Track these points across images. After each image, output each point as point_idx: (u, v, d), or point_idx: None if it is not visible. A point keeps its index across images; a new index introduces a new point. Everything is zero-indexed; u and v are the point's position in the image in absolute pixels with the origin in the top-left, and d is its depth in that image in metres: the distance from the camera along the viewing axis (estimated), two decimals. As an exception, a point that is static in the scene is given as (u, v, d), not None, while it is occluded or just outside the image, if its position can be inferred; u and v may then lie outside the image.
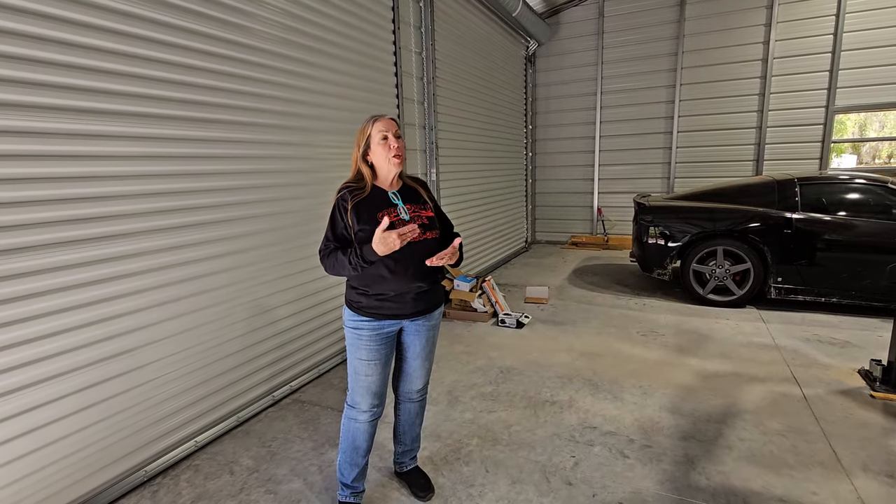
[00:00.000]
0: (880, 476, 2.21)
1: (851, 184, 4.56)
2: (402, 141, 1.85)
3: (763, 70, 7.08)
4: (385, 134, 1.81)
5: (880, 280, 4.19)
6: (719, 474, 2.26)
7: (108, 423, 2.19)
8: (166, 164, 2.39)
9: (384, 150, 1.81)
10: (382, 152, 1.82)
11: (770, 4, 6.92)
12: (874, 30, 6.47)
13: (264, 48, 2.94)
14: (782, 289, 4.53)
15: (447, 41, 5.39)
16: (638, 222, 5.22)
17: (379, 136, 1.81)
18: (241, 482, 2.32)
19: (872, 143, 7.26)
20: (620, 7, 7.82)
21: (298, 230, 3.26)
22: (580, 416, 2.82)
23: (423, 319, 1.94)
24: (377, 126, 1.82)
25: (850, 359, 3.48)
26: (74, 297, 2.05)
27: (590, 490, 2.18)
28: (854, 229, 4.28)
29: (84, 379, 2.09)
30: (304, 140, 3.28)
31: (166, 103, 2.37)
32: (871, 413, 2.75)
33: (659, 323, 4.39)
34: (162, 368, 2.42)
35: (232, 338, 2.80)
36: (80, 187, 2.05)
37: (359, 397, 1.93)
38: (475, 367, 3.54)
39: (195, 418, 2.61)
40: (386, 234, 1.64)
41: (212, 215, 2.65)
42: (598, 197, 8.48)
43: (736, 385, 3.14)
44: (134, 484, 2.29)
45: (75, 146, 2.03)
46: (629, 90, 7.97)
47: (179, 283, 2.48)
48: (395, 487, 2.24)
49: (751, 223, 4.57)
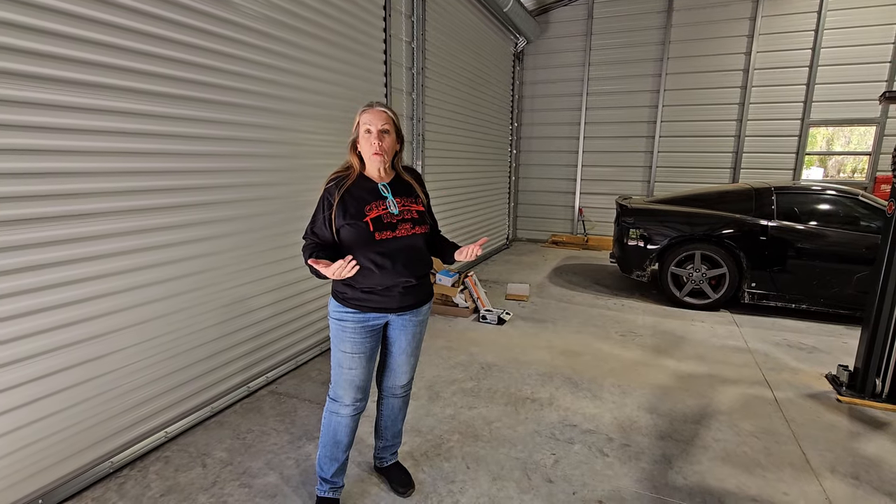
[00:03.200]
0: (847, 478, 2.29)
1: (824, 195, 4.72)
2: (387, 136, 1.75)
3: (744, 80, 7.26)
4: (368, 128, 1.74)
5: (847, 289, 4.35)
6: (696, 474, 2.30)
7: (71, 412, 2.07)
8: (138, 141, 2.26)
9: (367, 143, 1.75)
10: (366, 145, 1.76)
11: (753, 16, 7.09)
12: (850, 47, 6.70)
13: (246, 24, 2.81)
14: (756, 294, 4.66)
15: (438, 32, 5.32)
16: (619, 224, 5.29)
17: (363, 128, 1.75)
18: (213, 475, 2.24)
19: (838, 157, 7.54)
20: (609, 10, 7.88)
21: (279, 217, 3.16)
22: (560, 413, 2.83)
23: (411, 314, 1.90)
24: (364, 117, 1.76)
25: (817, 363, 3.60)
26: (35, 278, 1.92)
27: (570, 488, 2.19)
28: (825, 239, 4.42)
29: (45, 365, 1.97)
30: (286, 124, 3.17)
31: (135, 75, 2.21)
32: (838, 416, 2.85)
33: (637, 323, 4.46)
34: (131, 356, 2.30)
35: (207, 326, 2.70)
36: (43, 161, 1.91)
37: (341, 391, 1.88)
38: (456, 363, 3.52)
39: (166, 408, 2.50)
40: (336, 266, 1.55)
41: (188, 198, 2.53)
42: (579, 197, 8.57)
43: (710, 386, 3.21)
44: (99, 475, 2.18)
45: (40, 117, 1.89)
46: (614, 92, 8.06)
47: (152, 267, 2.36)
48: (374, 483, 2.20)
49: (728, 229, 4.68)
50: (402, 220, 1.79)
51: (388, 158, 1.79)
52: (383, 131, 1.75)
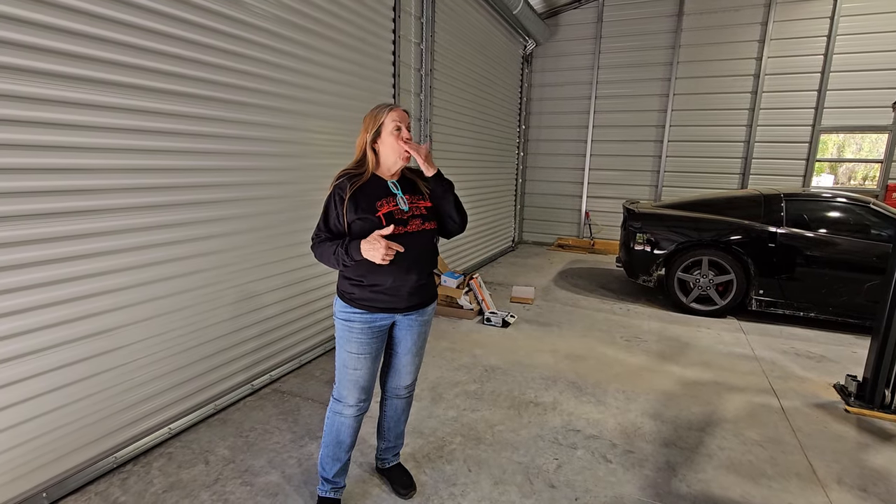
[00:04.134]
0: (854, 489, 2.26)
1: (835, 202, 4.66)
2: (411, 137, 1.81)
3: (755, 85, 7.20)
4: (399, 125, 1.77)
5: (856, 297, 4.30)
6: (700, 482, 2.27)
7: (75, 407, 2.09)
8: (148, 138, 2.27)
9: (395, 142, 1.76)
10: (393, 144, 1.77)
11: (765, 21, 7.03)
12: (862, 53, 6.62)
13: (258, 25, 2.83)
14: (763, 301, 4.61)
15: (447, 34, 5.33)
16: (626, 228, 5.26)
17: (393, 125, 1.76)
18: (216, 472, 2.24)
19: (849, 165, 7.46)
20: (619, 13, 7.85)
21: (288, 216, 3.17)
22: (564, 418, 2.81)
23: (417, 314, 1.90)
24: (392, 115, 1.77)
25: (825, 373, 3.56)
26: (43, 273, 1.93)
27: (572, 493, 2.17)
28: (835, 247, 4.37)
29: (51, 360, 1.98)
30: (295, 124, 3.18)
31: (145, 73, 2.23)
32: (846, 427, 2.81)
33: (642, 329, 4.43)
34: (136, 352, 2.32)
35: (213, 323, 2.71)
36: (56, 157, 1.93)
37: (346, 391, 1.88)
38: (460, 365, 3.51)
39: (170, 404, 2.51)
40: (377, 240, 1.62)
41: (197, 195, 2.54)
42: (586, 200, 8.53)
43: (716, 394, 3.18)
44: (103, 470, 2.19)
45: (50, 113, 1.90)
46: (623, 96, 8.02)
47: (158, 264, 2.38)
48: (376, 484, 2.20)
49: (736, 235, 4.64)
50: (413, 216, 1.79)
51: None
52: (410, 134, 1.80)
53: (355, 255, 1.67)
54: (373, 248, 1.62)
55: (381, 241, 1.62)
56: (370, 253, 1.63)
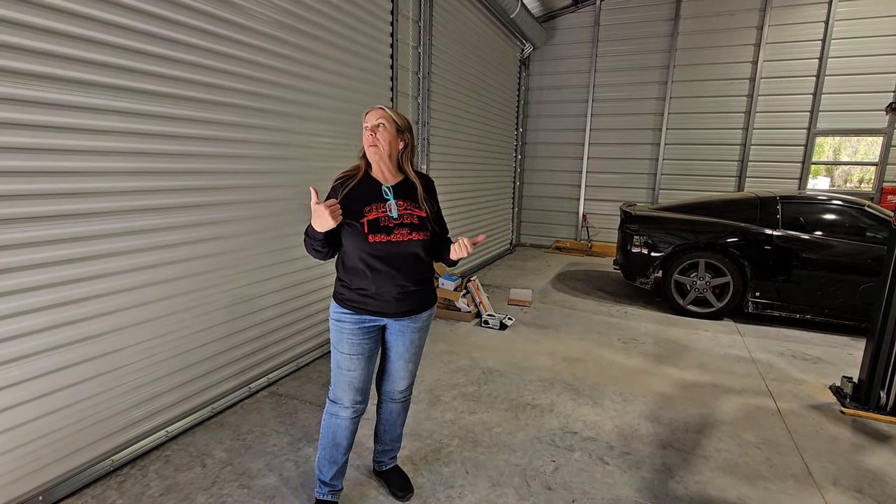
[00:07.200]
0: (849, 491, 2.26)
1: (830, 205, 4.69)
2: (383, 130, 1.76)
3: (750, 89, 7.24)
4: (365, 125, 1.80)
5: (852, 300, 4.32)
6: (697, 484, 2.28)
7: (72, 410, 2.08)
8: (146, 141, 2.28)
9: (364, 139, 1.80)
10: (364, 141, 1.80)
11: (760, 25, 7.08)
12: (857, 57, 6.67)
13: (256, 28, 2.84)
14: (759, 303, 4.63)
15: (444, 38, 5.35)
16: (623, 231, 5.28)
17: (365, 124, 1.80)
18: (213, 475, 2.24)
19: (845, 167, 7.50)
20: (616, 17, 7.89)
21: (284, 219, 3.18)
22: (561, 420, 2.82)
23: (409, 320, 1.89)
24: (366, 115, 1.81)
25: (821, 374, 3.57)
26: (38, 276, 1.93)
27: (569, 495, 2.17)
28: (830, 249, 4.40)
29: (48, 363, 1.98)
30: (293, 127, 3.19)
31: (142, 76, 2.24)
32: (842, 428, 2.82)
33: (639, 331, 4.44)
34: (133, 355, 2.31)
35: (209, 326, 2.71)
36: (47, 160, 1.93)
37: (341, 392, 1.88)
38: (457, 367, 3.51)
39: (167, 408, 2.51)
40: (316, 209, 1.62)
41: (192, 198, 2.54)
42: (583, 203, 8.56)
43: (713, 396, 3.19)
44: (99, 473, 2.19)
45: (46, 116, 1.91)
46: (620, 99, 8.05)
47: (155, 267, 2.38)
48: (373, 486, 2.20)
49: (732, 237, 4.66)
50: (401, 224, 1.78)
51: (384, 151, 1.78)
52: (377, 126, 1.77)
53: (313, 233, 1.71)
54: (319, 218, 1.63)
55: (319, 206, 1.61)
56: (319, 223, 1.64)
